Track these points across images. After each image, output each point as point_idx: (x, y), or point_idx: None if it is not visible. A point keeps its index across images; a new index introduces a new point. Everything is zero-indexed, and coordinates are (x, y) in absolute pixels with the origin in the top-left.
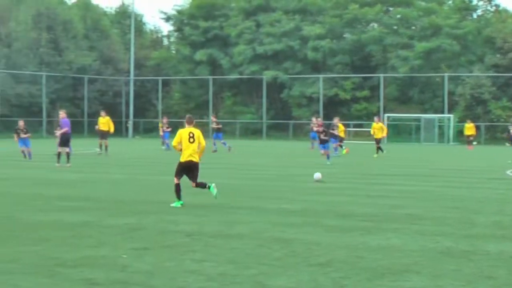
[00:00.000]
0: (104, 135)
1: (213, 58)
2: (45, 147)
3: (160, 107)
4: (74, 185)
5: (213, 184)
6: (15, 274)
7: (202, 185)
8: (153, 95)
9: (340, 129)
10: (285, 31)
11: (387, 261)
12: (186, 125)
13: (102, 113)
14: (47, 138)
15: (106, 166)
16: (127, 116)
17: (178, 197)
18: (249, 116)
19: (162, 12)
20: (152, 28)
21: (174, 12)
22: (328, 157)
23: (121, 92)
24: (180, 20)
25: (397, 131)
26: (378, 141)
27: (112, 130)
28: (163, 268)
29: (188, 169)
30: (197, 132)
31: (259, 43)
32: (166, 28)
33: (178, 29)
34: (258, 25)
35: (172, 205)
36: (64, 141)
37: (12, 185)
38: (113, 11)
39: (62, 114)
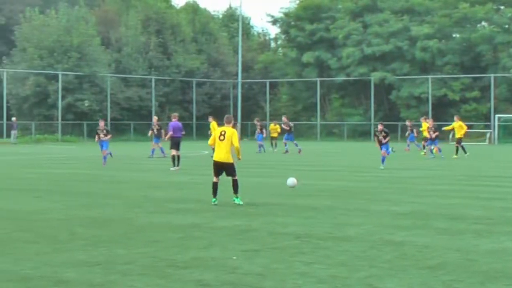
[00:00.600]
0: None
1: (320, 60)
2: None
3: (268, 109)
4: (184, 187)
5: (239, 198)
6: (131, 275)
7: (235, 187)
8: (260, 98)
9: (423, 129)
10: (393, 31)
11: (501, 265)
12: (226, 125)
13: (210, 118)
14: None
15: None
16: (235, 119)
17: (213, 195)
18: (356, 117)
19: (269, 15)
20: (260, 31)
21: (281, 15)
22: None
23: (229, 95)
24: (286, 22)
25: (508, 132)
26: (458, 140)
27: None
28: (273, 270)
29: (221, 167)
30: (229, 132)
31: (367, 44)
32: (273, 30)
33: (285, 32)
34: (365, 26)
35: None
36: (174, 144)
37: (125, 188)
38: (220, 15)
39: (174, 117)
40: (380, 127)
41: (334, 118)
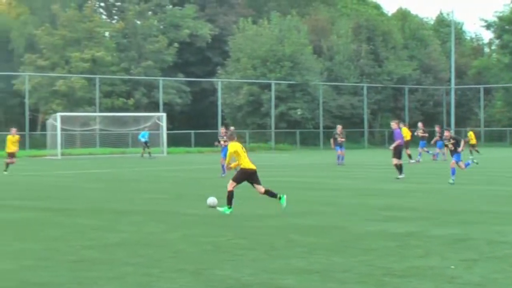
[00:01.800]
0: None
1: None
2: (365, 157)
3: (482, 116)
4: (398, 195)
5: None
6: (349, 284)
7: (272, 194)
8: (474, 104)
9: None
10: None
11: None
12: (234, 140)
13: (420, 124)
14: (369, 149)
15: (426, 176)
16: (448, 125)
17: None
18: None
19: (482, 19)
20: (473, 36)
21: (494, 19)
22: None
23: (442, 101)
24: (500, 27)
25: None
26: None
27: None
28: (493, 280)
29: (251, 176)
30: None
31: None
32: (487, 35)
33: (498, 37)
34: None
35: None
36: (397, 153)
37: (339, 196)
38: (431, 20)
39: (394, 124)
40: (447, 134)
41: None
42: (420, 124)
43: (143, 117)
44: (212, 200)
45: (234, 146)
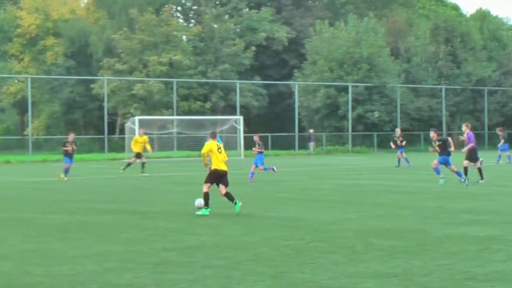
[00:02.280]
0: None
1: None
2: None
3: None
4: (478, 198)
5: (240, 203)
6: None
7: (231, 197)
8: None
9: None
10: None
11: None
12: (211, 139)
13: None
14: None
15: (507, 179)
16: None
17: (206, 204)
18: None
19: None
20: None
21: None
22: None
23: None
24: None
25: None
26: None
27: None
28: None
29: (221, 176)
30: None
31: None
32: None
33: None
34: None
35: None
36: (472, 156)
37: (417, 199)
38: (510, 21)
39: (465, 128)
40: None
41: None
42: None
43: (220, 120)
44: (198, 202)
45: (209, 145)
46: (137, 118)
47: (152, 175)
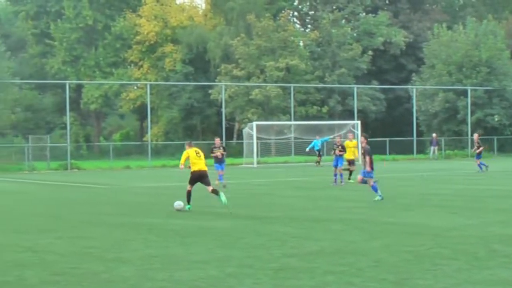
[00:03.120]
0: None
1: None
2: None
3: None
4: None
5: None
6: None
7: (216, 192)
8: None
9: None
10: None
11: None
12: (188, 147)
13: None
14: None
15: None
16: None
17: (188, 201)
18: None
19: None
20: None
21: None
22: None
23: None
24: None
25: None
26: None
27: None
28: None
29: (200, 177)
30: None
31: None
32: None
33: None
34: None
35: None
36: None
37: None
38: None
39: None
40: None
41: None
42: None
43: (337, 125)
44: (178, 204)
45: (186, 153)
46: (255, 123)
47: (268, 180)
